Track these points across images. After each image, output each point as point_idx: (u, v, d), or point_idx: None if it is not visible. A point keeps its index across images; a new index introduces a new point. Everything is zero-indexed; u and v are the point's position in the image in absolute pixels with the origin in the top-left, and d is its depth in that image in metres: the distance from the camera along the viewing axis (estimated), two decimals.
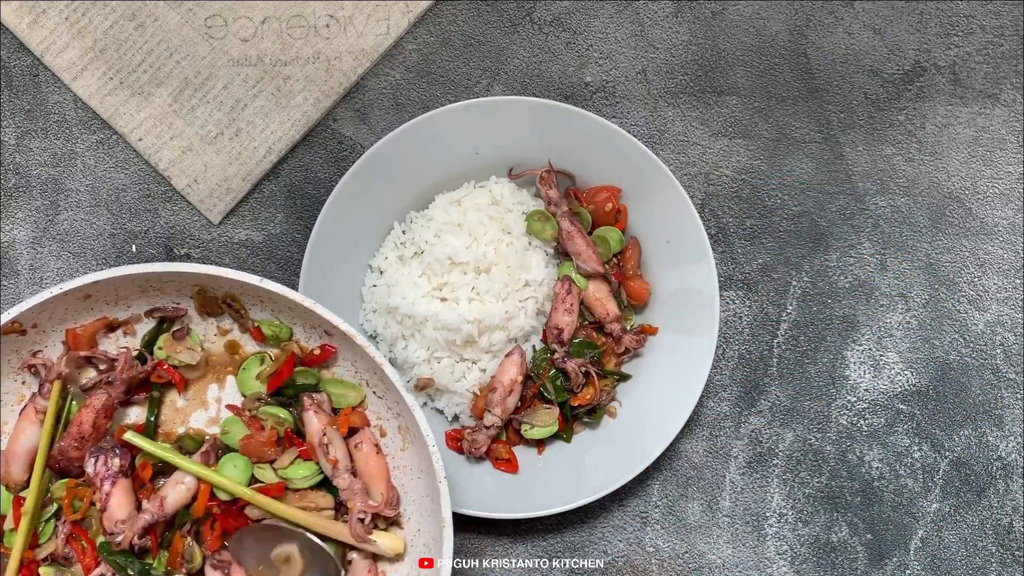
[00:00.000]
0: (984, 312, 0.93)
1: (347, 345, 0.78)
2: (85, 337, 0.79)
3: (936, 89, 0.96)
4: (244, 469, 0.78)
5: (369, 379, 0.80)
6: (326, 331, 0.79)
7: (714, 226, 0.93)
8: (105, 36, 0.92)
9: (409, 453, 0.79)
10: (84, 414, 0.78)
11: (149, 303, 0.80)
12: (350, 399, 0.81)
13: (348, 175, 0.85)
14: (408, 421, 0.76)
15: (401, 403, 0.76)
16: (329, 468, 0.78)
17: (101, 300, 0.79)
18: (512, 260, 0.86)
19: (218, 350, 0.83)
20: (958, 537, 0.90)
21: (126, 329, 0.81)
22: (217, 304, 0.81)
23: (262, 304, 0.80)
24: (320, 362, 0.81)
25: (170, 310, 0.81)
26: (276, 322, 0.81)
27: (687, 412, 0.84)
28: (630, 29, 0.95)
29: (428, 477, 0.76)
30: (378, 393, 0.80)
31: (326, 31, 0.93)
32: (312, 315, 0.76)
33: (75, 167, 0.92)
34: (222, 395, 0.83)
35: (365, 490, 0.78)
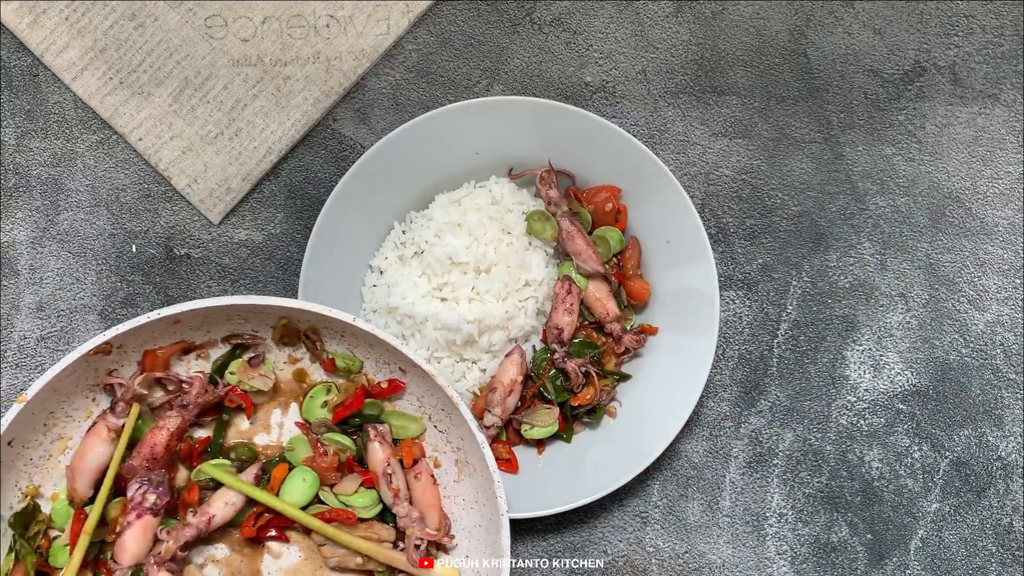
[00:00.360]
0: (984, 312, 0.93)
1: (418, 382, 0.80)
2: (162, 359, 0.80)
3: (936, 89, 0.96)
4: (312, 484, 0.81)
5: (432, 413, 0.83)
6: (401, 368, 0.81)
7: (714, 226, 0.93)
8: (105, 36, 0.92)
9: (464, 485, 0.82)
10: (157, 435, 0.79)
11: (230, 329, 0.82)
12: (411, 431, 0.83)
13: (348, 175, 0.85)
14: (473, 457, 0.79)
15: (469, 440, 0.79)
16: (390, 496, 0.80)
17: (187, 326, 0.80)
18: (512, 260, 0.86)
19: (286, 377, 0.84)
20: (958, 537, 0.90)
21: (200, 353, 0.83)
22: (298, 335, 0.82)
23: (341, 337, 0.82)
24: (386, 396, 0.83)
25: (248, 338, 0.82)
26: (350, 356, 0.83)
27: (687, 412, 0.84)
28: (630, 29, 0.95)
29: (482, 508, 0.79)
30: (439, 428, 0.83)
31: (326, 31, 0.93)
32: (391, 353, 0.79)
33: (75, 167, 0.92)
34: (284, 420, 0.85)
35: (422, 518, 0.81)
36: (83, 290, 0.91)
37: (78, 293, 0.91)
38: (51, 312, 0.90)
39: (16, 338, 0.90)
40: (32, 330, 0.90)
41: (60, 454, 0.80)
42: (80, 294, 0.91)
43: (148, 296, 0.91)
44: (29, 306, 0.90)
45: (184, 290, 0.91)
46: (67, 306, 0.90)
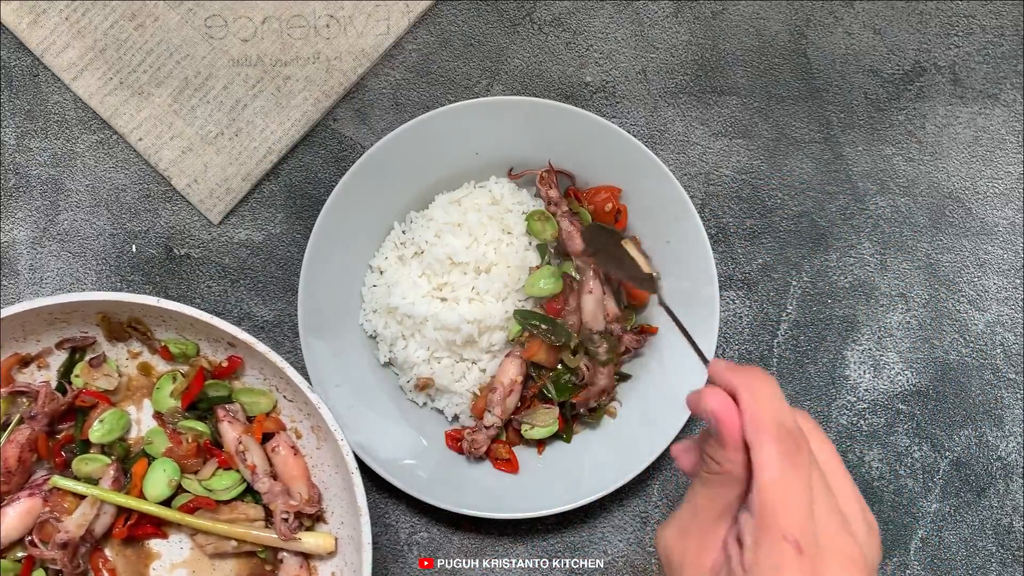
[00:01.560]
0: (984, 312, 0.93)
1: (251, 353, 0.80)
2: (1, 375, 0.80)
3: (936, 89, 0.96)
4: (173, 473, 0.81)
5: (278, 384, 0.83)
6: (229, 343, 0.81)
7: (714, 226, 0.93)
8: (105, 36, 0.92)
9: (324, 450, 0.82)
10: (8, 449, 0.79)
11: (57, 335, 0.82)
12: (262, 406, 0.83)
13: (348, 175, 0.85)
14: (318, 419, 0.78)
15: (309, 403, 0.78)
16: (248, 474, 0.80)
17: (9, 337, 0.80)
18: (512, 260, 0.86)
19: (132, 373, 0.85)
20: (958, 537, 0.90)
21: (39, 363, 0.83)
22: (123, 329, 0.82)
23: (165, 324, 0.82)
24: (229, 374, 0.83)
25: (79, 339, 0.82)
26: (182, 340, 0.83)
27: (687, 412, 0.84)
28: (630, 29, 0.95)
29: (344, 470, 0.78)
30: (288, 396, 0.83)
31: (326, 31, 0.93)
32: (214, 329, 0.78)
33: (75, 167, 0.92)
34: (141, 416, 0.85)
35: (286, 491, 0.80)
36: (83, 290, 0.91)
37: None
38: None
39: None
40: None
41: None
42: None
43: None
44: None
45: (184, 290, 0.91)
46: None
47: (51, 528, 0.79)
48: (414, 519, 0.89)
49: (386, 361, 0.89)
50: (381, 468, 0.83)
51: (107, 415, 0.81)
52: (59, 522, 0.79)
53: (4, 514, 0.78)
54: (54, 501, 0.80)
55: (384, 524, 0.89)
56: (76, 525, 0.78)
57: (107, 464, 0.81)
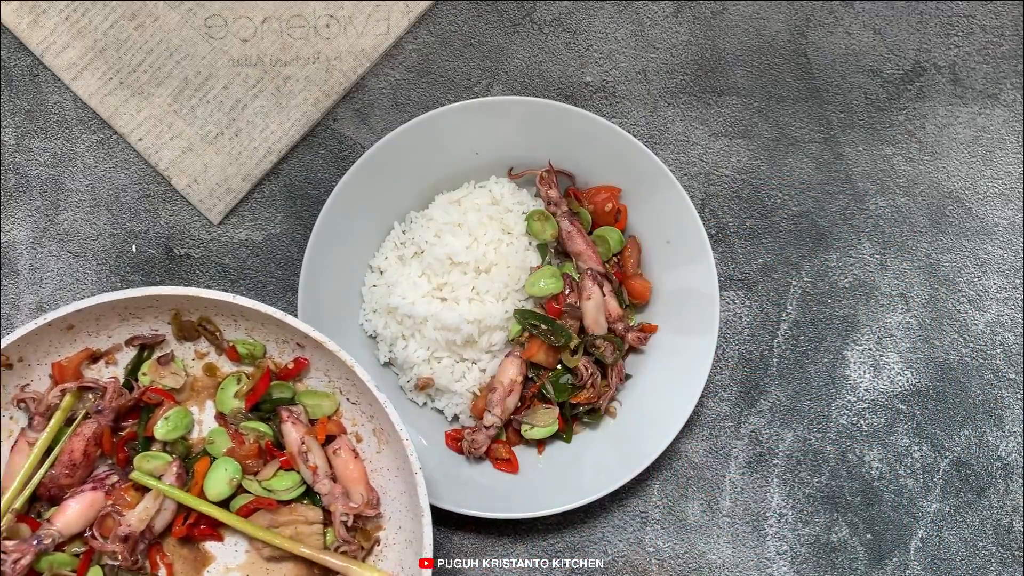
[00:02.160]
0: (984, 312, 0.93)
1: (319, 354, 0.80)
2: (71, 369, 0.80)
3: (936, 89, 0.96)
4: (234, 473, 0.80)
5: (342, 386, 0.82)
6: (298, 343, 0.81)
7: (714, 226, 0.93)
8: (105, 36, 0.92)
9: (385, 454, 0.81)
10: (75, 442, 0.79)
11: (129, 331, 0.82)
12: (325, 408, 0.83)
13: (348, 175, 0.85)
14: (381, 420, 0.78)
15: (374, 403, 0.77)
16: (310, 475, 0.80)
17: (83, 331, 0.80)
18: (512, 260, 0.86)
19: (197, 373, 0.85)
20: (958, 537, 0.90)
21: (108, 359, 0.83)
22: (193, 328, 0.83)
23: (235, 323, 0.82)
24: (294, 375, 0.83)
25: (149, 337, 0.82)
26: (250, 340, 0.83)
27: (687, 412, 0.84)
28: (630, 29, 0.95)
29: (405, 473, 0.77)
30: (351, 399, 0.82)
31: (326, 31, 0.93)
32: (285, 328, 0.78)
33: (75, 167, 0.92)
34: (203, 417, 0.85)
35: (346, 494, 0.80)
36: (83, 290, 0.91)
37: (78, 293, 0.91)
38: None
39: None
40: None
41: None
42: (80, 294, 0.91)
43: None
44: (29, 306, 0.90)
45: None
46: None
47: (112, 522, 0.79)
48: None
49: (386, 361, 0.89)
50: None
51: (172, 412, 0.81)
52: (120, 516, 0.78)
53: (67, 507, 0.78)
54: (116, 495, 0.80)
55: None
56: (138, 519, 0.78)
57: (169, 461, 0.80)
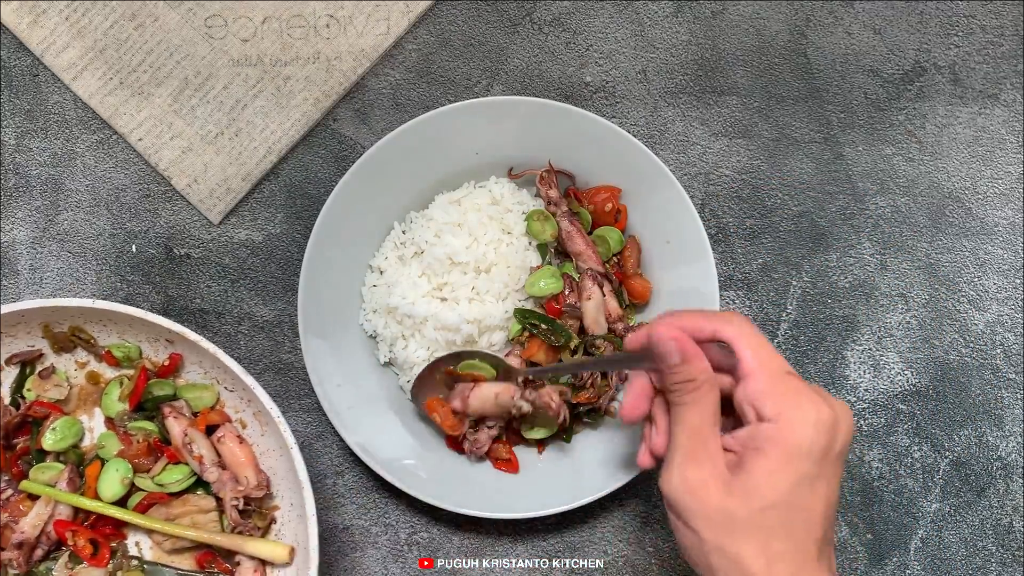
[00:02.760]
0: (984, 312, 0.93)
1: (190, 348, 0.81)
2: None
3: (936, 89, 0.96)
4: (126, 472, 0.82)
5: (218, 376, 0.84)
6: (168, 340, 0.82)
7: (714, 226, 0.93)
8: (105, 36, 0.92)
9: (268, 436, 0.83)
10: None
11: (6, 350, 0.83)
12: (206, 400, 0.85)
13: (348, 175, 0.85)
14: (257, 404, 0.80)
15: (245, 387, 0.79)
16: (197, 465, 0.82)
17: None
18: (512, 260, 0.86)
19: (81, 383, 0.86)
20: (958, 537, 0.90)
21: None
22: (67, 338, 0.84)
23: (106, 328, 0.83)
24: (171, 372, 0.84)
25: (26, 353, 0.84)
26: (124, 343, 0.84)
27: None
28: (630, 29, 0.95)
29: (286, 451, 0.79)
30: (228, 387, 0.84)
31: (326, 31, 0.93)
32: (152, 326, 0.80)
33: (75, 167, 0.92)
34: (94, 424, 0.86)
35: (235, 479, 0.82)
36: (83, 290, 0.91)
37: (78, 293, 0.91)
38: None
39: None
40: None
41: None
42: (80, 294, 0.91)
43: (148, 296, 0.91)
44: None
45: (184, 290, 0.91)
46: None
47: (9, 533, 0.81)
48: (414, 519, 0.89)
49: (386, 361, 0.89)
50: (381, 468, 0.83)
51: (58, 423, 0.83)
52: (16, 524, 0.80)
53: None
54: (12, 507, 0.82)
55: (384, 524, 0.89)
56: (31, 525, 0.80)
57: (62, 470, 0.82)
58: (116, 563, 0.82)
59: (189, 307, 0.91)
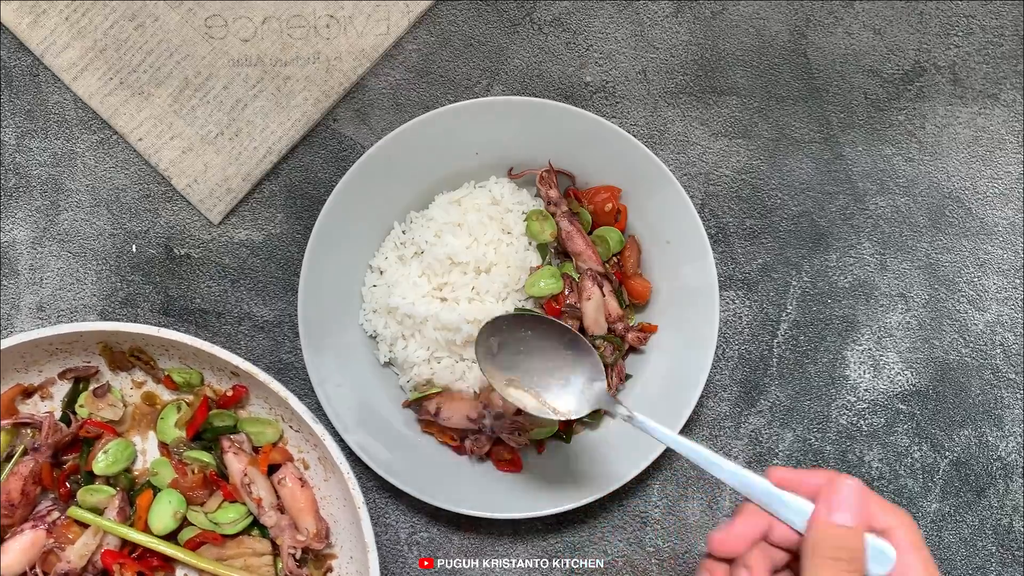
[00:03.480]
0: (984, 312, 0.93)
1: (256, 383, 0.78)
2: (3, 405, 0.79)
3: (936, 89, 0.96)
4: (179, 505, 0.79)
5: (283, 414, 0.81)
6: (233, 372, 0.79)
7: (714, 226, 0.93)
8: (105, 36, 0.92)
9: (332, 483, 0.80)
10: (12, 482, 0.77)
11: (60, 365, 0.81)
12: (268, 436, 0.82)
13: (348, 175, 0.85)
14: (323, 450, 0.76)
15: (314, 434, 0.76)
16: (255, 507, 0.79)
17: (11, 368, 0.79)
18: (512, 260, 0.86)
19: (136, 402, 0.83)
20: (958, 537, 0.90)
21: (42, 393, 0.82)
22: (125, 358, 0.81)
23: (168, 353, 0.81)
24: (234, 403, 0.81)
25: (82, 369, 0.81)
26: (185, 369, 0.82)
27: (687, 412, 0.84)
28: (630, 29, 0.95)
29: (351, 504, 0.76)
30: (294, 427, 0.81)
31: (326, 31, 0.93)
32: (217, 358, 0.76)
33: (75, 167, 0.92)
34: (146, 447, 0.83)
35: (293, 525, 0.78)
36: (83, 290, 0.91)
37: (78, 293, 0.91)
38: (51, 312, 0.90)
39: None
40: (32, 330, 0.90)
41: None
42: (80, 294, 0.91)
43: (148, 296, 0.91)
44: (29, 306, 0.90)
45: (184, 290, 0.91)
46: (67, 306, 0.90)
47: (55, 558, 0.77)
48: (414, 519, 0.89)
49: (386, 361, 0.89)
50: (381, 468, 0.83)
51: (111, 446, 0.79)
52: (62, 551, 0.77)
53: (8, 548, 0.76)
54: (58, 532, 0.78)
55: (384, 524, 0.89)
56: (78, 555, 0.77)
57: (112, 495, 0.79)
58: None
59: (189, 307, 0.91)
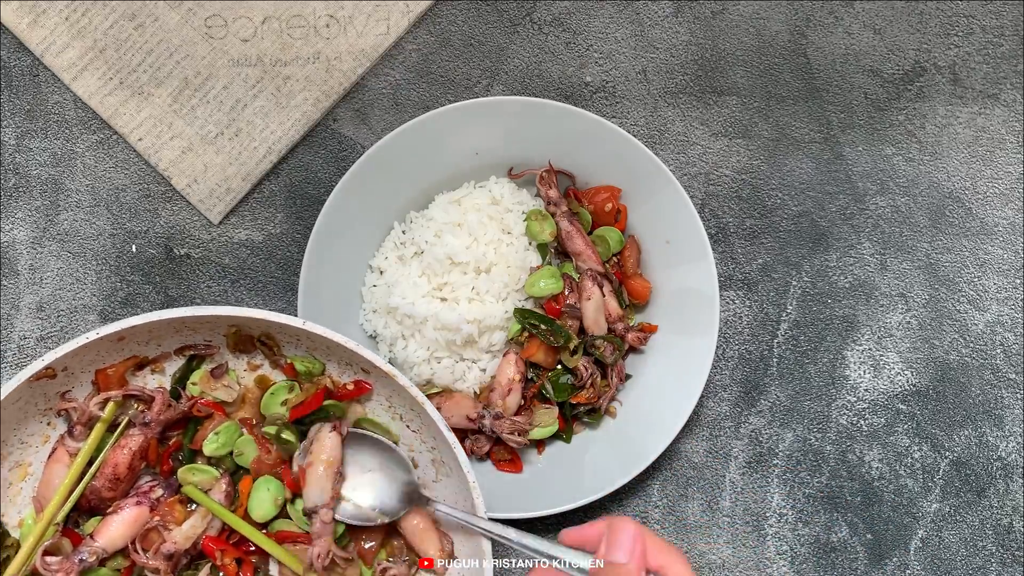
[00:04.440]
0: (984, 312, 0.93)
1: (384, 383, 0.77)
2: (115, 377, 0.77)
3: (936, 89, 0.96)
4: (277, 491, 0.78)
5: (403, 413, 0.80)
6: (363, 369, 0.78)
7: (714, 226, 0.93)
8: (105, 36, 0.92)
9: (443, 484, 0.80)
10: (119, 455, 0.76)
11: (181, 341, 0.79)
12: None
13: (348, 175, 0.85)
14: (447, 456, 0.76)
15: (441, 439, 0.76)
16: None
17: (133, 341, 0.77)
18: (512, 260, 0.86)
19: (248, 385, 0.81)
20: (958, 537, 0.90)
21: (155, 367, 0.79)
22: (251, 342, 0.80)
23: (298, 342, 0.79)
24: (352, 397, 0.80)
25: (202, 347, 0.79)
26: (310, 358, 0.80)
27: (687, 412, 0.84)
28: (630, 29, 0.95)
29: (464, 507, 0.76)
30: (412, 427, 0.80)
31: (326, 31, 0.93)
32: (351, 354, 0.75)
33: (75, 167, 0.92)
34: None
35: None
36: (83, 290, 0.91)
37: (78, 293, 0.91)
38: (51, 312, 0.90)
39: (16, 338, 0.90)
40: (32, 330, 0.90)
41: (21, 481, 0.77)
42: (80, 294, 0.91)
43: (148, 296, 0.91)
44: (29, 306, 0.90)
45: (184, 290, 0.91)
46: (67, 306, 0.90)
47: (156, 536, 0.76)
48: None
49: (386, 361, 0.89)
50: None
51: (223, 428, 0.78)
52: (167, 531, 0.76)
53: (111, 522, 0.75)
54: (162, 510, 0.77)
55: None
56: (184, 537, 0.75)
57: (216, 476, 0.77)
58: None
59: None
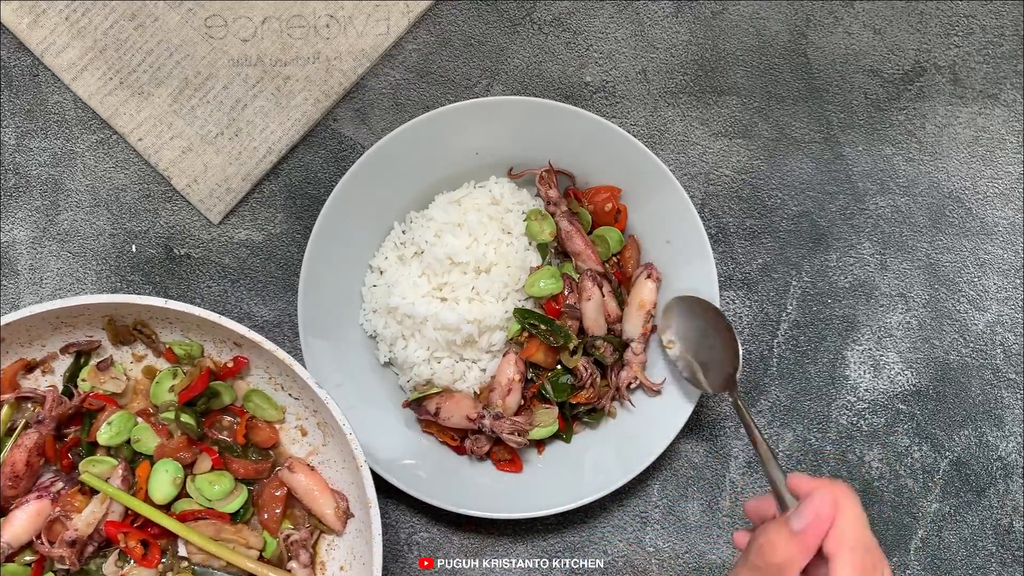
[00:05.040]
0: (984, 312, 0.93)
1: (258, 352, 0.80)
2: (6, 380, 0.80)
3: (936, 89, 0.96)
4: (176, 471, 0.80)
5: (283, 382, 0.82)
6: (235, 343, 0.81)
7: (714, 226, 0.93)
8: (105, 36, 0.92)
9: (331, 446, 0.82)
10: (16, 454, 0.79)
11: (63, 339, 0.82)
12: (270, 415, 0.83)
13: (348, 175, 0.85)
14: (325, 414, 0.78)
15: (315, 399, 0.78)
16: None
17: (14, 342, 0.80)
18: (512, 260, 0.86)
19: (137, 376, 0.85)
20: (958, 537, 0.90)
21: (44, 368, 0.83)
22: (128, 332, 0.82)
23: (171, 325, 0.82)
24: (234, 374, 0.83)
25: (84, 343, 0.82)
26: (186, 341, 0.83)
27: (687, 412, 0.84)
28: (630, 29, 0.95)
29: (351, 466, 0.78)
30: (294, 394, 0.83)
31: (326, 31, 0.93)
32: (220, 328, 0.78)
33: (75, 167, 0.92)
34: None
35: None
36: (83, 290, 0.91)
37: (78, 293, 0.91)
38: None
39: None
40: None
41: None
42: (80, 294, 0.91)
43: (148, 296, 0.91)
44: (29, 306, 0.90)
45: (184, 290, 0.91)
46: None
47: (60, 527, 0.79)
48: (414, 519, 0.89)
49: (386, 361, 0.89)
50: (381, 468, 0.83)
51: (115, 417, 0.81)
52: (68, 520, 0.79)
53: (14, 517, 0.78)
54: (64, 501, 0.80)
55: (384, 524, 0.89)
56: (85, 523, 0.79)
57: (114, 465, 0.81)
58: (167, 564, 0.80)
59: None
